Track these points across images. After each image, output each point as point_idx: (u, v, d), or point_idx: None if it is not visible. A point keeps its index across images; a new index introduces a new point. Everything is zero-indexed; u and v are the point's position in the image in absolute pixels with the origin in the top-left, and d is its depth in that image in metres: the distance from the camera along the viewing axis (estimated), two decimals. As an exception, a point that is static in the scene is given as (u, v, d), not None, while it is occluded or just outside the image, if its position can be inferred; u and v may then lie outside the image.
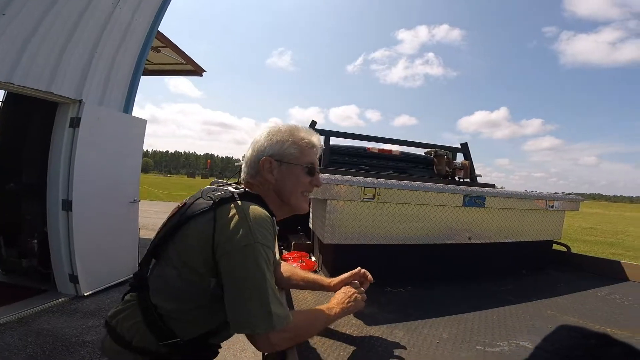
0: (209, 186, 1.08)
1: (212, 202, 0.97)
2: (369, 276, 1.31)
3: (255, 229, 0.90)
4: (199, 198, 1.02)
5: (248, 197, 1.01)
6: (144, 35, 4.86)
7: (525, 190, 2.21)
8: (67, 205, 3.85)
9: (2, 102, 4.51)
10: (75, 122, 3.88)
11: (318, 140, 1.15)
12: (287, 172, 1.08)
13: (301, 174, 1.10)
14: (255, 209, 0.95)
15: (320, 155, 1.19)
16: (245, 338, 0.92)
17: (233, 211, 0.94)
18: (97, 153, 4.14)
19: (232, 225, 0.91)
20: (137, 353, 0.99)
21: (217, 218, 0.93)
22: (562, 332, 1.30)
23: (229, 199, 0.97)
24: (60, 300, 3.85)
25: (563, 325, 1.36)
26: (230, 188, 1.04)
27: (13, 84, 3.26)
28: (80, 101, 3.95)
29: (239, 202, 0.96)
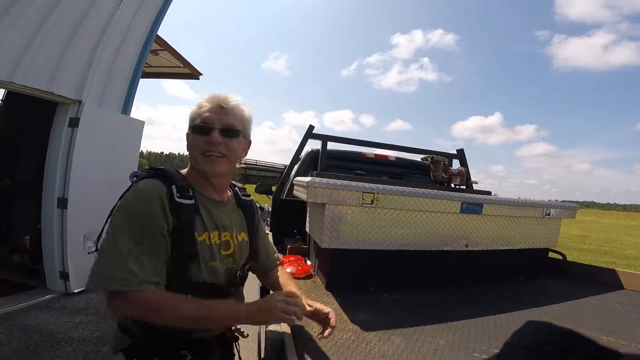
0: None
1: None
2: (332, 320, 1.11)
3: (129, 200, 0.96)
4: None
5: (149, 172, 1.03)
6: (144, 38, 4.88)
7: (518, 198, 2.23)
8: (63, 203, 3.85)
9: (2, 100, 4.51)
10: (74, 122, 3.89)
11: (210, 99, 1.08)
12: (191, 139, 1.08)
13: (196, 135, 1.06)
14: (141, 184, 0.99)
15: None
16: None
17: (129, 188, 1.01)
18: (95, 153, 4.14)
19: (121, 198, 0.99)
20: (122, 332, 1.03)
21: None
22: (558, 339, 1.31)
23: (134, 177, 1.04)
24: (48, 296, 3.81)
25: (559, 333, 1.37)
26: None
27: (14, 83, 3.28)
28: (80, 101, 3.97)
29: (138, 179, 1.01)
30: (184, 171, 1.11)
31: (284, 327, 1.09)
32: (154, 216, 0.94)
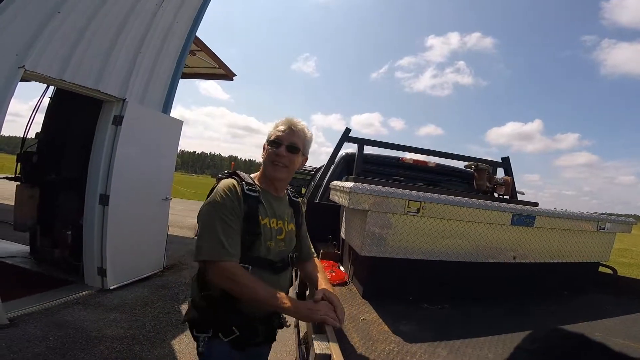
0: None
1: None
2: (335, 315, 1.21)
3: (217, 193, 1.27)
4: None
5: (228, 174, 1.37)
6: (184, 38, 5.00)
7: (555, 209, 2.15)
8: (104, 200, 3.95)
9: (50, 98, 4.71)
10: (117, 120, 4.00)
11: (284, 122, 1.39)
12: (266, 149, 1.39)
13: (270, 147, 1.37)
14: (223, 181, 1.32)
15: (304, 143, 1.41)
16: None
17: (215, 185, 1.35)
18: (136, 151, 4.25)
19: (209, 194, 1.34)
20: (190, 305, 1.35)
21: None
22: (610, 354, 1.25)
23: (218, 178, 1.38)
24: (85, 292, 3.90)
25: (611, 349, 1.29)
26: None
27: (64, 80, 3.39)
28: (124, 100, 4.07)
29: (221, 179, 1.36)
30: (256, 174, 1.45)
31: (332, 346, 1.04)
32: (234, 204, 1.25)
